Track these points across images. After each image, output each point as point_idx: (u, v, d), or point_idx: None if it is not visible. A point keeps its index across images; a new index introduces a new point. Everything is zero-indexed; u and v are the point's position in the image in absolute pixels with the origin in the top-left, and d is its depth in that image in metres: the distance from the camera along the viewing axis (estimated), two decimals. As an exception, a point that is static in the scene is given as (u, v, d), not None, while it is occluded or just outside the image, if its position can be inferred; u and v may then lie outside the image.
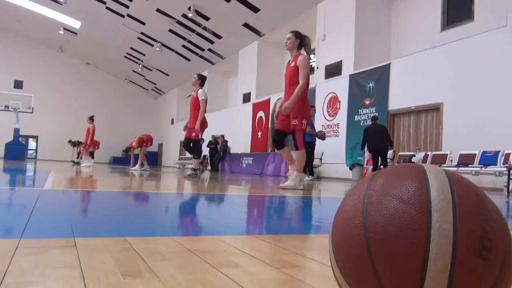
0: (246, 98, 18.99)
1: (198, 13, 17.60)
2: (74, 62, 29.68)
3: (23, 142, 23.76)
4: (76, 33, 24.71)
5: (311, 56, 16.84)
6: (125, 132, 30.83)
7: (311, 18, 14.78)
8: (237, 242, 1.37)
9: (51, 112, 27.98)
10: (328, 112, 13.59)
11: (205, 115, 7.72)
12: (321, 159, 12.78)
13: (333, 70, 13.48)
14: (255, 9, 16.02)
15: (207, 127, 8.04)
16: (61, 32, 24.22)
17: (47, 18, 23.02)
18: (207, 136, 19.71)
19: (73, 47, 27.58)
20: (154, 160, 30.50)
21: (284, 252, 1.21)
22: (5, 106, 19.77)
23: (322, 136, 10.63)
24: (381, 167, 9.42)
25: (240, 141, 18.69)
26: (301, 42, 5.36)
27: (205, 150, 19.69)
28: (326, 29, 13.93)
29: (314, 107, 11.61)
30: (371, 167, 10.81)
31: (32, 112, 20.69)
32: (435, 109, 10.19)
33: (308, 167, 10.60)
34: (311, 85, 14.41)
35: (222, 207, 2.95)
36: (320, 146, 12.77)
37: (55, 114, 28.54)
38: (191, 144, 7.92)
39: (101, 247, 1.13)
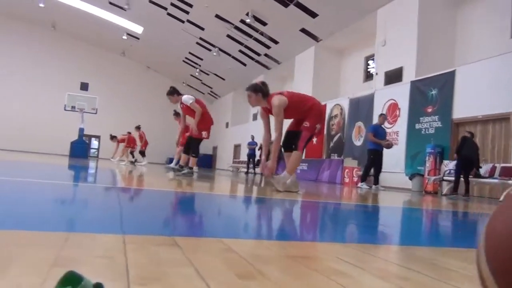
0: (301, 103, 18.91)
1: (255, 18, 17.80)
2: (135, 66, 30.93)
3: (87, 141, 24.97)
4: (138, 38, 25.73)
5: (370, 62, 16.54)
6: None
7: (370, 23, 14.51)
8: (328, 248, 1.36)
9: (113, 113, 29.27)
10: (387, 119, 13.25)
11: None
12: (378, 167, 12.46)
13: (393, 77, 13.15)
14: (313, 14, 15.97)
15: (212, 123, 8.32)
16: (124, 37, 25.34)
17: (112, 23, 24.14)
18: (259, 140, 19.87)
19: (135, 52, 28.74)
20: (208, 162, 31.08)
21: (380, 261, 1.19)
22: (72, 107, 20.89)
23: (387, 146, 10.28)
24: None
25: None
26: (263, 93, 5.13)
27: (258, 154, 19.84)
28: (386, 35, 13.63)
29: (384, 114, 11.40)
30: (433, 177, 10.45)
31: (96, 113, 21.71)
32: (504, 119, 9.66)
33: (375, 176, 10.38)
34: (370, 91, 14.18)
35: (292, 211, 2.95)
36: (377, 153, 12.51)
37: (117, 115, 29.81)
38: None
39: (203, 247, 1.17)
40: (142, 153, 17.48)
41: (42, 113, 28.01)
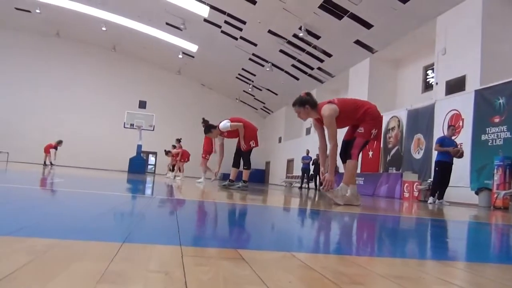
0: (357, 116, 18.43)
1: (308, 32, 17.67)
2: (190, 84, 31.70)
3: (144, 157, 25.72)
4: (193, 57, 26.38)
5: (429, 71, 15.87)
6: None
7: (429, 32, 13.96)
8: (426, 267, 1.15)
9: (169, 130, 30.02)
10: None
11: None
12: (441, 181, 11.78)
13: (456, 86, 12.48)
14: (368, 26, 15.62)
15: (254, 135, 8.24)
16: (180, 56, 26.08)
17: (169, 43, 24.93)
18: (314, 155, 19.54)
19: (190, 70, 29.49)
20: (261, 177, 31.04)
21: (493, 284, 0.97)
22: (131, 124, 21.63)
23: (455, 153, 9.60)
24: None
25: (349, 161, 18.13)
26: (310, 104, 4.89)
27: (312, 169, 19.49)
28: (446, 42, 13.01)
29: (453, 126, 10.86)
30: (503, 192, 9.70)
31: (153, 130, 22.37)
32: None
33: (440, 190, 9.80)
34: (429, 102, 13.53)
35: (362, 225, 2.72)
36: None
37: (172, 132, 30.50)
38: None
39: (273, 262, 1.00)
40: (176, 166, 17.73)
41: (103, 131, 29.26)
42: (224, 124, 7.87)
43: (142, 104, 30.25)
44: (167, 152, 18.09)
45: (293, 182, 22.99)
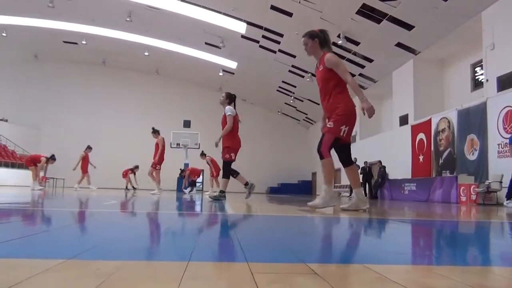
0: (403, 120, 17.93)
1: (347, 39, 17.48)
2: (231, 100, 32.07)
3: (192, 176, 26.10)
4: (233, 73, 26.72)
5: (477, 68, 15.23)
6: (280, 163, 31.91)
7: (474, 28, 13.44)
8: None
9: (214, 147, 30.41)
10: (504, 128, 11.92)
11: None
12: (500, 182, 11.18)
13: (508, 81, 11.88)
14: (409, 27, 15.24)
15: (239, 146, 7.81)
16: (221, 74, 26.50)
17: (209, 62, 25.41)
18: (361, 163, 19.13)
19: (230, 86, 29.80)
20: (308, 189, 30.73)
21: None
22: (177, 144, 22.09)
23: None
24: None
25: (399, 166, 17.60)
26: (320, 39, 4.56)
27: (361, 177, 19.06)
28: (494, 37, 12.45)
29: None
30: None
31: (198, 148, 22.69)
32: None
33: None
34: (481, 100, 12.94)
35: (437, 233, 2.58)
36: (498, 166, 11.27)
37: (218, 149, 30.93)
38: (230, 166, 7.64)
39: (349, 276, 0.94)
40: (194, 183, 18.00)
41: (151, 152, 30.01)
42: (230, 108, 7.74)
43: (187, 124, 30.85)
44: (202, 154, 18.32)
45: (342, 191, 22.56)
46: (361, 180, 18.69)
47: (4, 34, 24.05)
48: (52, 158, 14.10)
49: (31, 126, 29.62)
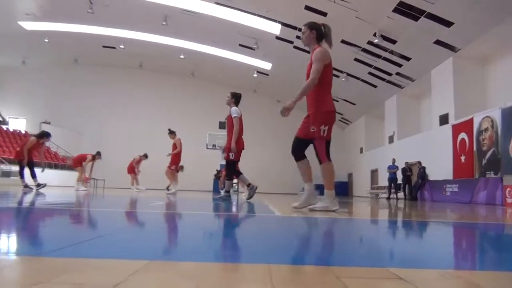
0: (443, 120, 17.45)
1: (384, 37, 17.20)
2: (266, 101, 32.11)
3: (227, 177, 26.40)
4: (267, 74, 26.77)
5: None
6: (314, 165, 31.65)
7: (519, 23, 12.95)
8: None
9: (251, 149, 30.42)
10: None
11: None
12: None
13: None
14: (448, 24, 14.84)
15: (243, 148, 7.70)
16: (255, 75, 26.61)
17: (243, 64, 25.57)
18: (400, 163, 18.76)
19: (265, 87, 29.93)
20: (344, 190, 30.37)
21: None
22: (213, 145, 22.37)
23: None
24: None
25: (439, 167, 17.14)
26: (318, 32, 4.55)
27: (400, 178, 18.71)
28: (541, 32, 11.96)
29: None
30: None
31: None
32: None
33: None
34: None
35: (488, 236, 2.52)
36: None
37: (254, 151, 31.04)
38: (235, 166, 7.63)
39: (436, 281, 0.93)
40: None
41: (187, 154, 30.32)
42: (236, 109, 7.73)
43: (222, 125, 31.12)
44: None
45: (380, 193, 22.21)
46: (400, 181, 18.41)
47: (46, 40, 25.01)
48: (98, 154, 14.55)
49: (73, 128, 30.65)
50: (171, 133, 12.85)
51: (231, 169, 7.64)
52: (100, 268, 1.07)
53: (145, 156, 17.28)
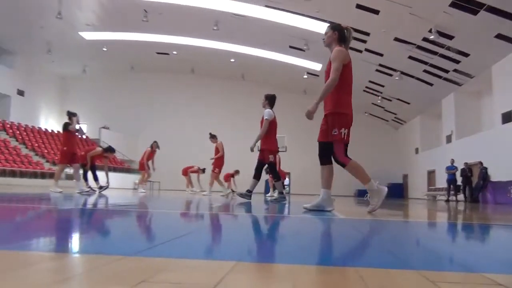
0: (507, 117, 16.54)
1: (440, 33, 16.57)
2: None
3: (278, 179, 26.44)
4: (317, 75, 26.55)
5: None
6: (368, 165, 30.85)
7: None
8: None
9: (301, 150, 30.43)
10: None
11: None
12: None
13: None
14: (510, 16, 14.07)
15: (276, 150, 7.75)
16: (305, 76, 26.49)
17: (293, 65, 25.56)
18: (459, 164, 17.98)
19: (315, 88, 29.60)
20: (399, 192, 29.51)
21: None
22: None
23: None
24: None
25: (503, 167, 16.24)
26: (340, 34, 4.51)
27: (459, 180, 17.92)
28: None
29: None
30: None
31: (285, 151, 22.89)
32: None
33: None
34: None
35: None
36: None
37: (304, 152, 30.89)
38: (265, 167, 7.64)
39: None
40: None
41: (238, 156, 30.76)
42: (269, 112, 7.76)
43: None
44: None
45: (437, 195, 21.40)
46: (460, 183, 17.63)
47: (104, 49, 26.22)
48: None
49: (129, 133, 31.89)
50: (212, 137, 13.22)
51: (260, 170, 7.78)
52: (194, 268, 1.12)
53: (203, 170, 17.90)
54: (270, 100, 8.02)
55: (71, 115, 9.89)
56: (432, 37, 16.67)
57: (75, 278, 0.93)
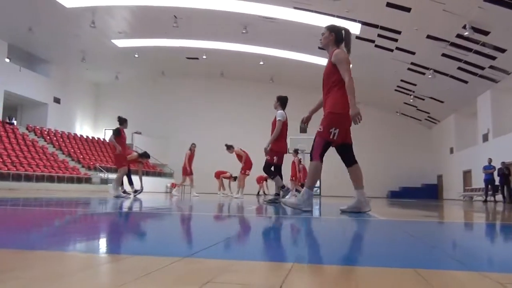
0: (547, 114, 15.93)
1: (475, 29, 16.13)
2: (346, 103, 31.55)
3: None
4: (347, 75, 26.29)
5: None
6: (400, 166, 30.42)
7: None
8: None
9: (331, 151, 30.04)
10: None
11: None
12: None
13: None
14: (550, 9, 13.58)
15: (286, 152, 7.76)
16: (335, 77, 26.27)
17: (322, 66, 25.22)
18: (497, 163, 17.40)
19: (345, 89, 29.40)
20: (433, 193, 28.84)
21: None
22: (294, 150, 22.44)
23: None
24: None
25: (544, 166, 15.65)
26: (336, 36, 4.49)
27: (498, 180, 17.35)
28: None
29: None
30: None
31: (316, 153, 22.79)
32: None
33: None
34: None
35: None
36: None
37: (334, 153, 30.34)
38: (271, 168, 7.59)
39: None
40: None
41: (264, 158, 30.84)
42: (282, 113, 7.90)
43: (303, 129, 31.14)
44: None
45: (474, 195, 20.79)
46: (497, 183, 17.07)
47: (136, 55, 26.78)
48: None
49: (161, 137, 32.43)
50: (229, 148, 13.48)
51: (270, 169, 7.83)
52: (253, 269, 1.13)
53: (234, 178, 18.05)
54: (282, 102, 8.18)
55: (123, 121, 10.27)
56: (466, 33, 16.25)
57: (146, 279, 0.96)
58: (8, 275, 0.97)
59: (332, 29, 4.59)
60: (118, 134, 10.11)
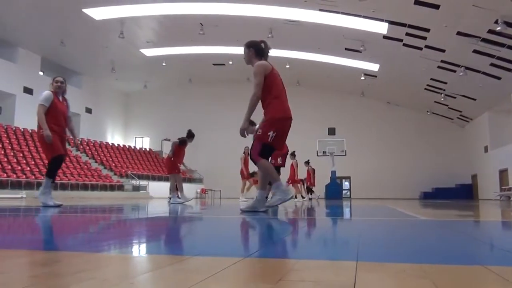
0: None
1: (508, 24, 15.69)
2: (375, 104, 31.18)
3: (339, 183, 26.00)
4: (375, 76, 25.99)
5: None
6: (433, 166, 29.77)
7: None
8: None
9: (361, 153, 29.84)
10: None
11: None
12: None
13: None
14: None
15: (286, 152, 8.38)
16: (362, 78, 26.02)
17: (350, 68, 25.17)
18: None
19: (373, 90, 29.07)
20: (468, 192, 28.09)
21: None
22: (323, 152, 22.27)
23: None
24: None
25: None
26: (256, 50, 4.58)
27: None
28: None
29: None
30: None
31: (345, 155, 22.55)
32: None
33: None
34: None
35: None
36: None
37: (364, 155, 30.29)
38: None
39: None
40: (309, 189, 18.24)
41: (299, 162, 30.75)
42: None
43: (332, 131, 30.95)
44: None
45: (507, 194, 20.15)
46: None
47: (164, 64, 27.23)
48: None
49: (189, 144, 32.73)
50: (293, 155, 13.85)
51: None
52: (320, 267, 1.12)
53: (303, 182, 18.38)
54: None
55: (190, 135, 10.52)
56: (498, 28, 15.84)
57: (216, 278, 0.97)
58: (83, 275, 1.00)
59: (250, 45, 4.70)
60: (182, 143, 10.47)
